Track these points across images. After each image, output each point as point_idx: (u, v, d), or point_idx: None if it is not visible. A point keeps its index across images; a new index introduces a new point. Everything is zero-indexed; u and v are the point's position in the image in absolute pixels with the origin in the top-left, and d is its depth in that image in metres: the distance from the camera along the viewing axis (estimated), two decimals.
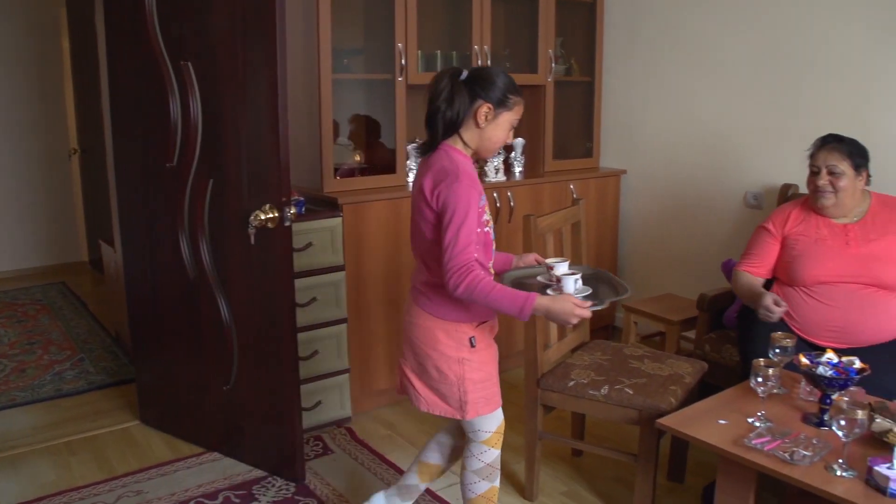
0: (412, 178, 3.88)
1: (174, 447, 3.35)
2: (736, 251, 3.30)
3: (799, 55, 3.60)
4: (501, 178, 4.12)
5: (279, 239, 2.82)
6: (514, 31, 4.41)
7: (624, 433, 3.42)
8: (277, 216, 2.79)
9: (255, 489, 2.99)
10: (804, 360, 2.22)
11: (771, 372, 2.20)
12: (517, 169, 4.28)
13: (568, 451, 3.28)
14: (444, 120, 2.15)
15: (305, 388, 3.28)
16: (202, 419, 3.29)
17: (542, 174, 4.25)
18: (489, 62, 3.94)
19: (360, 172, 3.81)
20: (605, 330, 4.61)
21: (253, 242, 2.85)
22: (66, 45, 6.42)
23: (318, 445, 3.35)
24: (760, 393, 2.23)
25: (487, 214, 2.18)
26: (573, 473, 3.14)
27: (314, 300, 3.33)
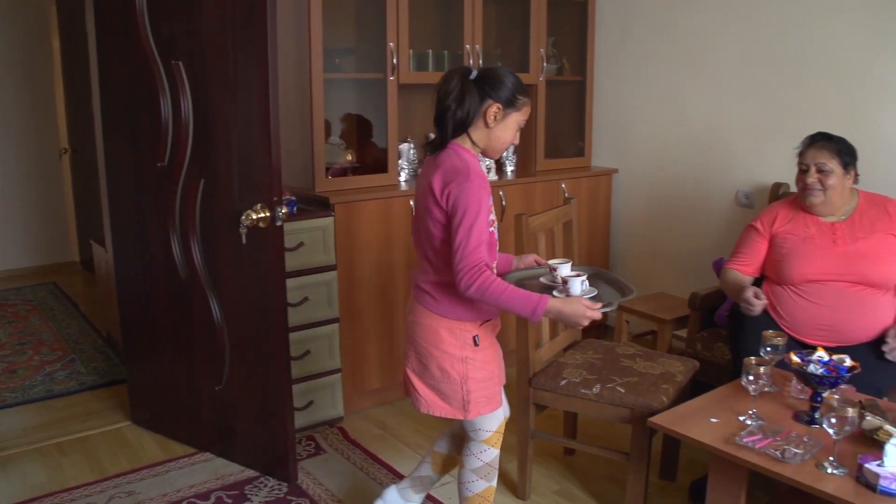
0: (404, 177, 3.89)
1: (166, 448, 3.34)
2: (727, 250, 3.31)
3: (790, 55, 3.61)
4: (493, 177, 4.12)
5: (271, 239, 2.82)
6: (505, 30, 4.41)
7: (616, 432, 3.43)
8: (269, 216, 2.78)
9: (247, 489, 2.98)
10: (795, 358, 2.23)
11: (762, 370, 2.21)
12: (509, 168, 4.29)
13: (560, 449, 3.28)
14: (453, 119, 2.14)
15: (297, 387, 3.27)
16: (194, 419, 3.28)
17: (533, 173, 4.25)
18: (481, 62, 3.94)
19: (351, 172, 3.81)
20: (596, 329, 4.61)
21: (244, 242, 2.84)
22: (56, 44, 6.40)
23: (310, 445, 3.35)
24: (752, 391, 2.24)
25: (492, 214, 2.18)
26: (565, 472, 3.14)
27: (306, 300, 3.32)
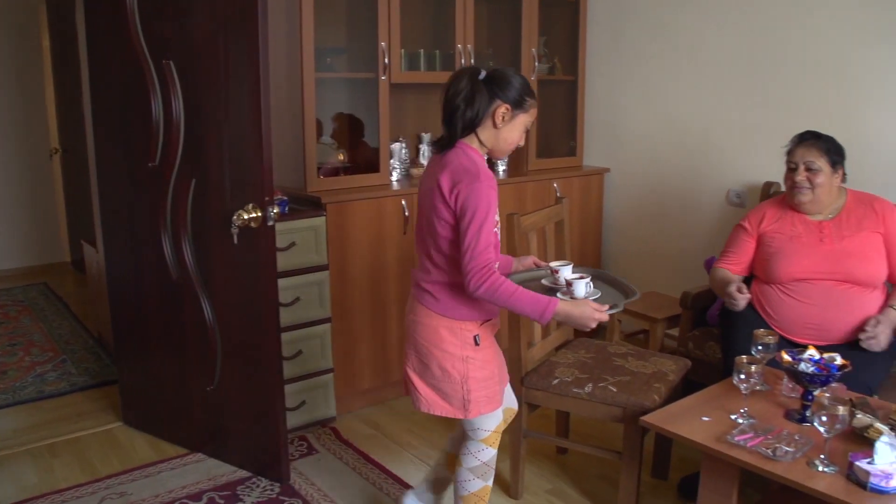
0: (396, 177, 3.89)
1: (158, 448, 3.33)
2: (719, 249, 3.32)
3: (780, 54, 3.62)
4: None
5: (262, 239, 2.81)
6: (497, 29, 4.41)
7: (608, 431, 3.43)
8: (260, 216, 2.78)
9: (239, 490, 2.98)
10: (786, 356, 2.23)
11: (753, 369, 2.22)
12: (500, 167, 4.28)
13: (553, 448, 3.28)
14: (463, 119, 2.15)
15: (289, 388, 3.27)
16: (186, 420, 3.27)
17: (525, 173, 4.25)
18: (472, 61, 3.94)
19: (343, 172, 3.80)
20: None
21: (236, 242, 2.83)
22: (46, 43, 6.37)
23: (302, 445, 3.34)
24: (743, 390, 2.24)
25: (497, 215, 2.19)
26: (558, 471, 3.14)
27: (298, 300, 3.32)
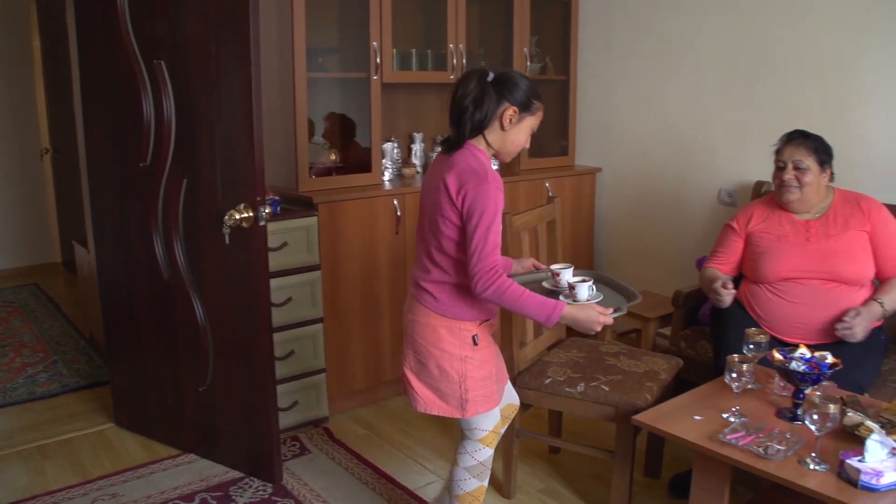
0: (388, 176, 3.88)
1: (150, 449, 3.32)
2: (710, 248, 3.32)
3: (772, 54, 3.63)
4: None
5: (254, 238, 2.81)
6: (488, 29, 4.41)
7: (601, 430, 3.44)
8: (252, 216, 2.77)
9: (231, 490, 2.97)
10: (777, 355, 2.24)
11: (745, 368, 2.23)
12: (493, 167, 4.27)
13: (545, 448, 3.29)
14: (471, 120, 2.16)
15: (282, 388, 3.27)
16: (178, 421, 3.26)
17: (517, 172, 4.26)
18: (464, 61, 3.95)
19: (335, 171, 3.80)
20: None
21: (228, 242, 2.83)
22: (36, 42, 6.33)
23: (295, 446, 3.34)
24: (735, 388, 2.25)
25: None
26: (550, 471, 3.15)
27: (290, 300, 3.31)
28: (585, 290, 2.25)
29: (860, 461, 1.88)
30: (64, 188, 6.22)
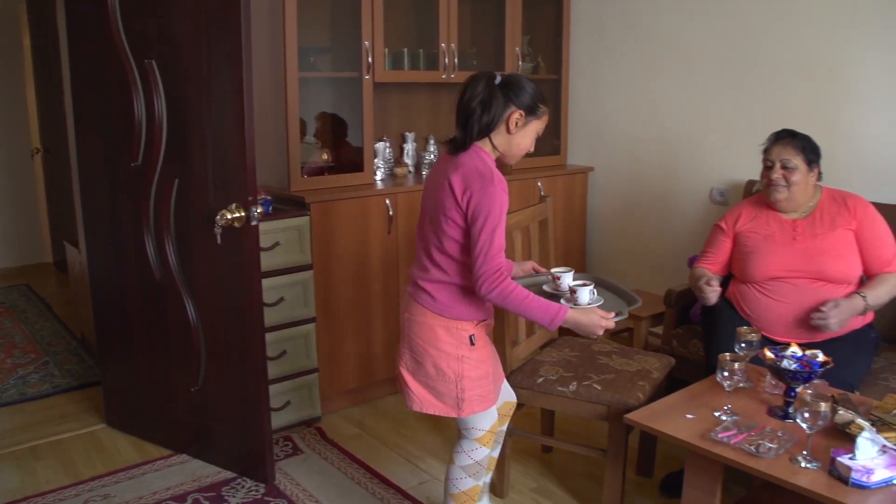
0: (380, 176, 3.88)
1: (142, 450, 3.31)
2: (702, 247, 3.34)
3: (763, 53, 3.65)
4: None
5: (246, 238, 2.80)
6: (480, 28, 4.41)
7: (593, 429, 3.45)
8: (244, 215, 2.77)
9: (224, 491, 2.96)
10: (769, 354, 2.25)
11: (737, 366, 2.23)
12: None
13: (538, 447, 3.29)
14: (479, 122, 2.16)
15: (274, 388, 3.26)
16: (170, 421, 3.26)
17: (509, 171, 4.25)
18: (456, 61, 3.95)
19: (327, 171, 3.79)
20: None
21: (219, 242, 2.82)
22: (26, 42, 6.31)
23: (287, 446, 3.34)
24: (727, 387, 2.25)
25: None
26: (543, 470, 3.15)
27: (282, 300, 3.31)
28: (587, 293, 2.26)
29: (851, 459, 1.88)
30: (55, 188, 6.20)
